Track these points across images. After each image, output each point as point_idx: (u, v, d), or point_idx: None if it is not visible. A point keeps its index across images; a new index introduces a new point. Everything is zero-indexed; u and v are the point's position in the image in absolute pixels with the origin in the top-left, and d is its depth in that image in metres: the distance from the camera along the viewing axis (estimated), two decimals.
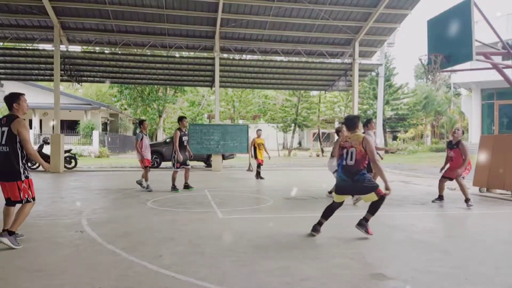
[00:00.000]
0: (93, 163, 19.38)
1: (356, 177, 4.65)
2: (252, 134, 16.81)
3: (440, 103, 41.82)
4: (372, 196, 4.65)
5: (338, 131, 7.59)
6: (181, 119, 9.21)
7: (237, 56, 17.58)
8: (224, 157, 17.17)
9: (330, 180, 10.92)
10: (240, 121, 35.19)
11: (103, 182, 11.61)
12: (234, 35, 16.23)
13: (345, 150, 4.75)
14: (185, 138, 9.05)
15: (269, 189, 9.90)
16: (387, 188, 4.55)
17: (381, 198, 4.63)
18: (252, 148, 12.51)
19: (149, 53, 16.95)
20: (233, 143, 16.16)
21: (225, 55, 17.36)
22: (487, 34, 8.94)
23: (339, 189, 4.91)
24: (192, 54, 17.99)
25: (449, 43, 8.69)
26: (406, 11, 15.06)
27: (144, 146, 9.03)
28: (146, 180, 9.10)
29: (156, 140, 30.99)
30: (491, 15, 23.03)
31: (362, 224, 4.77)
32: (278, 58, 17.70)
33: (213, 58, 16.08)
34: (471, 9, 8.09)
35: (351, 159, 4.65)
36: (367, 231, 4.74)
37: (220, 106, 33.19)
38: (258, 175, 12.12)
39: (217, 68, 15.82)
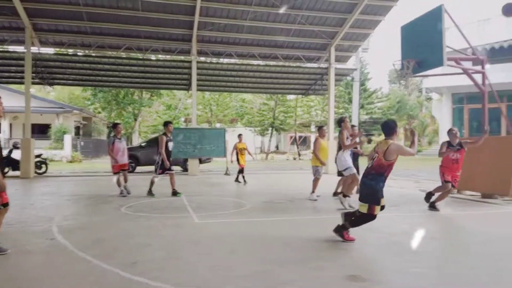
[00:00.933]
0: (65, 168, 18.83)
1: (364, 180, 4.64)
2: (229, 138, 16.79)
3: (412, 107, 43.01)
4: (364, 207, 4.53)
5: (340, 122, 7.75)
6: (167, 124, 9.01)
7: (214, 60, 17.51)
8: (201, 161, 17.03)
9: (307, 183, 10.98)
10: (218, 125, 35.06)
11: (75, 187, 11.28)
12: (211, 38, 16.17)
13: (375, 154, 4.70)
14: (170, 144, 8.87)
15: (247, 193, 9.88)
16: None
17: (369, 216, 4.51)
18: (234, 153, 12.28)
19: (124, 56, 16.67)
20: (210, 147, 16.04)
21: (202, 59, 17.27)
22: (458, 40, 9.26)
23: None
24: (168, 57, 17.77)
25: (421, 49, 8.95)
26: (380, 17, 15.41)
27: (117, 150, 8.78)
28: (119, 185, 8.87)
29: (131, 144, 30.43)
30: (463, 21, 23.91)
31: (339, 230, 4.75)
32: (256, 62, 17.75)
33: (190, 62, 15.96)
34: (442, 16, 8.36)
35: (371, 163, 4.67)
36: (343, 238, 4.69)
37: (197, 110, 32.97)
38: (241, 179, 11.91)
39: (194, 71, 15.70)
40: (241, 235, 5.11)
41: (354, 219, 4.69)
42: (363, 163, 6.20)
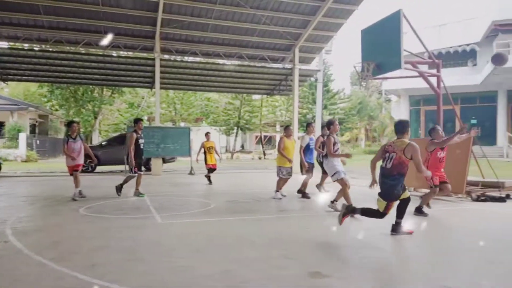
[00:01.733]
0: (20, 168, 17.90)
1: (383, 180, 4.73)
2: (194, 137, 16.61)
3: (373, 108, 44.49)
4: (382, 205, 4.70)
5: (329, 124, 6.96)
6: (137, 121, 8.76)
7: (178, 58, 17.25)
8: (164, 161, 16.74)
9: (272, 183, 11.04)
10: (182, 124, 34.59)
11: (30, 188, 10.76)
12: (175, 36, 15.93)
13: (387, 154, 4.76)
14: (141, 141, 8.62)
15: (211, 193, 9.82)
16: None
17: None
18: (201, 152, 11.70)
19: (83, 52, 16.07)
20: (174, 146, 15.79)
21: (166, 56, 16.97)
22: (416, 44, 9.63)
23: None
24: (131, 54, 17.33)
25: (380, 52, 9.26)
26: (342, 21, 15.79)
27: (71, 150, 8.21)
28: (77, 186, 8.42)
29: (91, 143, 29.40)
30: (420, 26, 24.98)
31: (395, 230, 4.86)
32: (221, 61, 17.69)
33: (153, 59, 15.64)
34: (400, 21, 8.68)
35: (389, 163, 4.69)
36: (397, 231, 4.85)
37: (161, 108, 32.40)
38: (208, 179, 11.54)
39: (157, 69, 15.40)
40: (205, 235, 5.08)
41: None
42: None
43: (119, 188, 8.53)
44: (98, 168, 16.42)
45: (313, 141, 8.78)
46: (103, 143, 17.67)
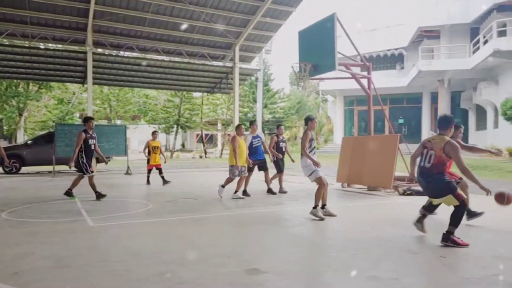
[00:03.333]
0: None
1: (428, 179, 4.49)
2: (131, 136, 15.98)
3: (311, 108, 46.08)
4: (451, 200, 4.35)
5: (307, 120, 6.46)
6: (87, 120, 8.24)
7: (113, 52, 16.50)
8: (98, 161, 15.91)
9: (213, 181, 10.99)
10: (118, 121, 33.16)
11: None
12: (109, 29, 15.21)
13: (425, 150, 4.52)
14: (92, 141, 8.09)
15: (149, 193, 9.54)
16: (484, 189, 4.28)
17: (462, 204, 4.33)
18: (146, 151, 11.26)
19: (6, 43, 14.77)
20: (109, 145, 15.09)
21: (100, 50, 16.14)
22: (349, 47, 10.10)
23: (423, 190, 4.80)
24: (60, 46, 16.24)
25: (316, 53, 9.60)
26: (281, 21, 16.14)
27: None
28: None
29: (15, 142, 27.10)
30: (353, 30, 26.24)
31: (446, 239, 4.32)
32: (160, 57, 17.21)
33: (85, 53, 14.81)
34: (334, 24, 9.06)
35: (428, 162, 4.46)
36: (456, 243, 4.27)
37: (95, 105, 30.81)
38: (148, 180, 11.12)
39: (89, 63, 14.60)
40: (141, 237, 4.92)
41: (455, 216, 4.35)
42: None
43: (98, 195, 8.02)
44: (24, 169, 15.22)
45: (257, 139, 8.81)
46: (29, 142, 16.39)
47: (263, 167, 8.93)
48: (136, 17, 14.70)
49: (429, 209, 4.86)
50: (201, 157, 31.51)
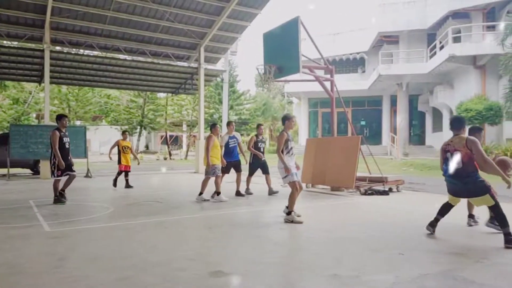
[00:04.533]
0: None
1: (466, 180, 4.51)
2: (92, 137, 15.43)
3: (276, 110, 46.49)
4: (487, 199, 4.41)
5: (284, 119, 6.15)
6: (60, 117, 7.87)
7: (73, 50, 15.89)
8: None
9: (177, 183, 10.85)
10: (77, 122, 31.94)
11: None
12: (68, 26, 14.64)
13: (448, 154, 4.60)
14: (66, 140, 7.73)
15: (110, 196, 9.24)
16: (506, 181, 4.38)
17: (497, 203, 4.40)
18: (115, 150, 10.69)
19: None
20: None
21: (58, 48, 15.51)
22: (313, 50, 10.27)
23: (450, 191, 4.82)
24: (15, 44, 15.44)
25: (281, 55, 9.70)
26: (246, 23, 16.18)
27: None
28: None
29: None
30: (317, 33, 26.76)
31: (510, 241, 4.28)
32: (122, 56, 16.77)
33: (43, 50, 14.17)
34: (298, 27, 9.20)
35: (459, 163, 4.50)
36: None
37: (53, 105, 29.53)
38: (127, 183, 10.56)
39: (47, 61, 13.99)
40: (101, 242, 4.76)
41: (497, 218, 4.43)
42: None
43: (57, 199, 7.63)
44: None
45: (233, 140, 8.70)
46: None
47: (237, 168, 8.83)
48: (97, 15, 14.25)
49: (442, 213, 4.97)
50: (165, 158, 30.98)
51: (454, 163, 4.57)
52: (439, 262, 3.82)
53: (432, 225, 4.91)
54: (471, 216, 5.46)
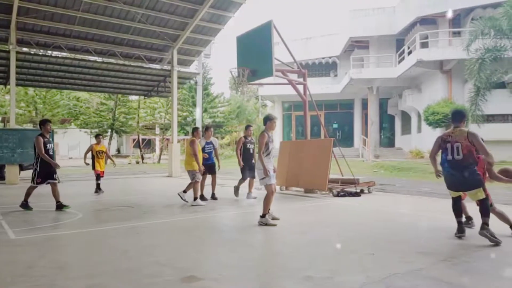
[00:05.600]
0: None
1: (464, 171, 4.60)
2: (60, 141, 14.94)
3: (251, 113, 46.58)
4: (480, 193, 4.56)
5: (266, 120, 6.15)
6: (44, 122, 7.54)
7: (40, 52, 15.37)
8: (22, 168, 14.67)
9: (149, 188, 10.64)
10: None
11: None
12: (36, 27, 14.17)
13: (448, 145, 4.69)
14: (50, 146, 7.43)
15: (79, 202, 8.96)
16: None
17: (487, 197, 4.57)
18: (89, 155, 10.30)
19: None
20: (34, 151, 13.95)
21: (25, 49, 14.97)
22: (286, 54, 10.37)
23: (449, 185, 4.86)
24: None
25: (254, 59, 9.74)
26: (220, 26, 16.13)
27: None
28: None
29: None
30: (291, 37, 27.04)
31: (485, 229, 4.45)
32: (91, 57, 16.36)
33: (8, 51, 13.64)
34: (271, 31, 9.27)
35: (458, 154, 4.61)
36: (493, 236, 4.43)
37: (19, 108, 28.48)
38: (97, 187, 10.23)
39: (12, 63, 13.45)
40: (69, 249, 4.61)
41: (483, 209, 4.56)
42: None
43: (24, 204, 7.41)
44: None
45: (210, 145, 8.78)
46: None
47: (211, 170, 8.87)
48: (65, 15, 13.85)
49: (458, 214, 4.93)
50: (137, 162, 30.40)
51: (454, 154, 4.69)
52: (408, 261, 3.92)
53: (461, 231, 4.85)
54: (468, 218, 5.44)
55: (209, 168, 8.79)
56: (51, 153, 7.53)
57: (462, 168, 4.65)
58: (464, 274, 3.54)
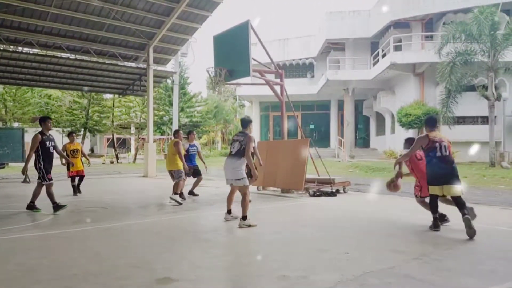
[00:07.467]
0: None
1: (452, 166, 5.20)
2: (30, 140, 14.43)
3: (228, 113, 46.45)
4: (459, 190, 5.08)
5: (248, 122, 6.14)
6: (44, 119, 7.22)
7: (10, 48, 14.81)
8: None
9: (123, 188, 10.44)
10: (15, 124, 29.78)
11: None
12: (5, 22, 13.63)
13: (437, 144, 5.25)
14: (51, 144, 7.15)
15: (49, 203, 8.62)
16: None
17: (462, 194, 5.13)
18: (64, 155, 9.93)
19: None
20: (3, 150, 13.59)
21: None
22: (264, 54, 10.37)
23: (436, 178, 5.23)
24: None
25: (231, 59, 9.71)
26: (197, 25, 15.97)
27: None
28: None
29: None
30: (268, 38, 27.12)
31: (466, 214, 4.92)
32: (64, 54, 15.88)
33: None
34: (249, 32, 9.26)
35: (445, 151, 5.22)
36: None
37: None
38: (75, 189, 9.89)
39: None
40: (38, 252, 4.44)
41: (460, 204, 5.04)
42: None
43: (56, 206, 7.16)
44: None
45: (193, 148, 9.13)
46: None
47: (196, 172, 9.21)
48: (37, 11, 13.39)
49: (434, 210, 5.41)
50: (112, 162, 29.78)
51: (442, 151, 5.26)
52: (382, 260, 3.99)
53: (437, 225, 5.33)
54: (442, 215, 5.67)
55: (194, 171, 9.15)
56: (51, 151, 7.28)
57: (451, 163, 5.26)
58: (436, 271, 3.63)
